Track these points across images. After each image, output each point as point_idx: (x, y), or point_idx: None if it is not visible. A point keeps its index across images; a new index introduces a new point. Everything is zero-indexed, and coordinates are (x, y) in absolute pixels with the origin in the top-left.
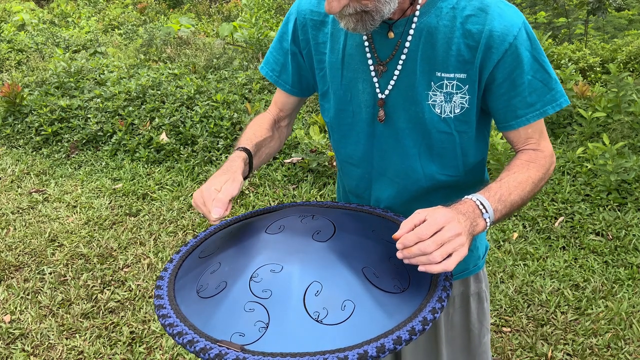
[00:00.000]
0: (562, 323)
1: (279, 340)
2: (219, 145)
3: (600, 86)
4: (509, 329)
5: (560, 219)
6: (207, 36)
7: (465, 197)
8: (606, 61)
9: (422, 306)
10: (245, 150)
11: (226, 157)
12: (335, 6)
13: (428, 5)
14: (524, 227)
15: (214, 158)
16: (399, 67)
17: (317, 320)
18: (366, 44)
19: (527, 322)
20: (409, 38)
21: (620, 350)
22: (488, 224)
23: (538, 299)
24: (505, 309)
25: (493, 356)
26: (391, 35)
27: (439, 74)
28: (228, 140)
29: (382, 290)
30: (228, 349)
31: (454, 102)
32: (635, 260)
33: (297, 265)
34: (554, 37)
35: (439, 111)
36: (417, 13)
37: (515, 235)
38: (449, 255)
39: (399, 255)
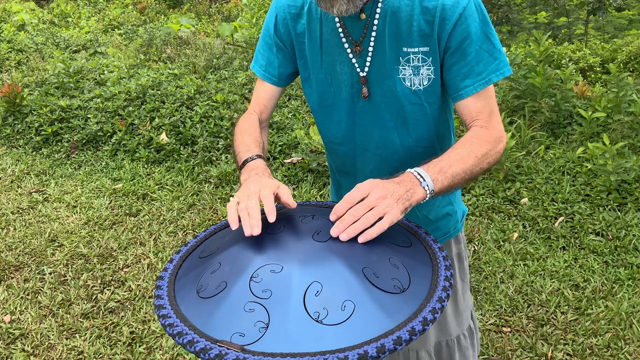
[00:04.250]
0: (562, 323)
1: (279, 340)
2: (219, 145)
3: (600, 86)
4: (509, 329)
5: (560, 219)
6: (207, 36)
7: (407, 170)
8: (606, 61)
9: (422, 306)
10: (262, 158)
11: (226, 157)
12: None
13: None
14: (524, 227)
15: (214, 158)
16: (372, 44)
17: (317, 321)
18: (340, 29)
19: (527, 322)
20: (377, 17)
21: (620, 350)
22: (428, 191)
23: (538, 299)
24: (505, 309)
25: (493, 356)
26: (363, 16)
27: (405, 49)
28: (228, 140)
29: (382, 290)
30: (228, 349)
31: (422, 74)
32: (635, 260)
33: (297, 266)
34: (554, 37)
35: (409, 84)
36: None
37: (515, 235)
38: (380, 219)
39: (333, 232)
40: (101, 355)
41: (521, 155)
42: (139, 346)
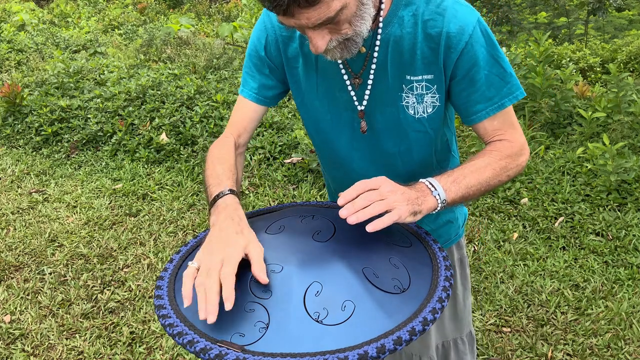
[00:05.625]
0: (562, 323)
1: (279, 340)
2: None
3: (600, 86)
4: (509, 329)
5: (560, 219)
6: (207, 36)
7: (420, 180)
8: (606, 61)
9: (422, 306)
10: (235, 193)
11: None
12: (321, 45)
13: (390, 15)
14: (524, 227)
15: None
16: (371, 76)
17: (317, 321)
18: (339, 60)
19: (527, 322)
20: (377, 49)
21: (620, 350)
22: (439, 200)
23: (538, 299)
24: (505, 309)
25: (493, 356)
26: (363, 49)
27: (408, 77)
28: None
29: (382, 290)
30: (228, 349)
31: (426, 102)
32: (635, 260)
33: (297, 266)
34: (554, 37)
35: (412, 112)
36: (381, 25)
37: (515, 235)
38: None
39: (342, 213)
40: (101, 355)
41: None
42: (139, 346)
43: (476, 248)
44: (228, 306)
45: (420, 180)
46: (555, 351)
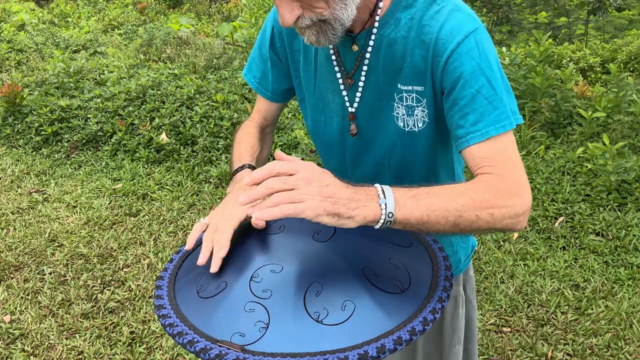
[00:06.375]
0: (562, 323)
1: (279, 340)
2: (219, 145)
3: (600, 86)
4: (509, 329)
5: (560, 219)
6: (207, 36)
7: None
8: (606, 61)
9: (423, 306)
10: (252, 168)
11: (226, 157)
12: (288, 18)
13: (387, 16)
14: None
15: (214, 158)
16: (363, 79)
17: (317, 321)
18: (333, 57)
19: (527, 322)
20: (369, 49)
21: (620, 350)
22: (383, 212)
23: (538, 299)
24: (505, 309)
25: (493, 356)
26: (355, 48)
27: (399, 86)
28: (228, 140)
29: (382, 290)
30: (228, 349)
31: (416, 115)
32: (635, 260)
33: (297, 266)
34: (554, 37)
35: (402, 124)
36: (376, 25)
37: (515, 235)
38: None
39: (241, 200)
40: (101, 355)
41: (521, 155)
42: (139, 346)
43: (476, 248)
44: (222, 253)
45: (376, 184)
46: (555, 351)
